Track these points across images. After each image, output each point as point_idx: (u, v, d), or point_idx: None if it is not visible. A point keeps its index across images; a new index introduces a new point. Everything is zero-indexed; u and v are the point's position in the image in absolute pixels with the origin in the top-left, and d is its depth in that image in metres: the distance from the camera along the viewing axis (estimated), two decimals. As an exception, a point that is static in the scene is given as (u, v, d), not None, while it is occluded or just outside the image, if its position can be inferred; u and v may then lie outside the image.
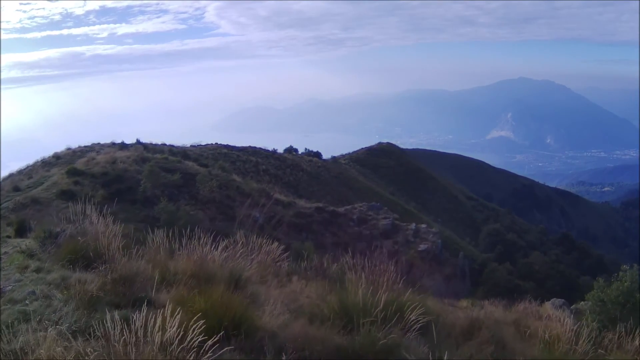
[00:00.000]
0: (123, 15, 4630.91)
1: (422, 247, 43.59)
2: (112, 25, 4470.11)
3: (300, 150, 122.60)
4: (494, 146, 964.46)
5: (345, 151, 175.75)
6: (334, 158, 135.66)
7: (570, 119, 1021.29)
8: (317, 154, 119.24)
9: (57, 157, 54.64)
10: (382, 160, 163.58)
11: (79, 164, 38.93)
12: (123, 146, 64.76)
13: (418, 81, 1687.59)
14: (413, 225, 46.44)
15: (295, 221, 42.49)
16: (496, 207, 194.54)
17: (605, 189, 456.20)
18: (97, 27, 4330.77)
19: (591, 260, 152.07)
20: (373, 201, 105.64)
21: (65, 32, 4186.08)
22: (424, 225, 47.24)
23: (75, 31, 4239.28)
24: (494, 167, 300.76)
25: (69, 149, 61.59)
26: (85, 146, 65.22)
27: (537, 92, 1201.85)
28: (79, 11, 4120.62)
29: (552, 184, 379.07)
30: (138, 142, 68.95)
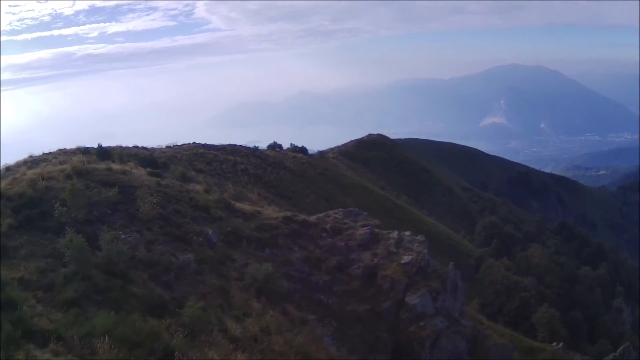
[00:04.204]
0: (112, 14, 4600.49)
1: (405, 259, 38.14)
2: (102, 25, 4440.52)
3: (293, 144, 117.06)
4: (488, 133, 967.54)
5: (339, 143, 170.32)
6: (320, 153, 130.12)
7: (564, 103, 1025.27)
8: (303, 150, 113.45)
9: (7, 169, 48.17)
10: (372, 152, 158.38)
11: (3, 184, 32.96)
12: (85, 151, 59.13)
13: (410, 71, 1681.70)
14: (396, 234, 40.96)
15: (257, 235, 36.86)
16: (492, 196, 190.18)
17: (601, 172, 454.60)
18: (87, 26, 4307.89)
19: (591, 249, 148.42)
20: (361, 197, 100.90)
21: (55, 32, 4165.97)
22: (407, 233, 41.71)
23: (65, 31, 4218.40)
24: (488, 155, 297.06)
25: (31, 156, 55.54)
26: (48, 153, 59.32)
27: (529, 78, 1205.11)
28: (68, 11, 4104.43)
29: (547, 169, 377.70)
30: (100, 146, 62.94)
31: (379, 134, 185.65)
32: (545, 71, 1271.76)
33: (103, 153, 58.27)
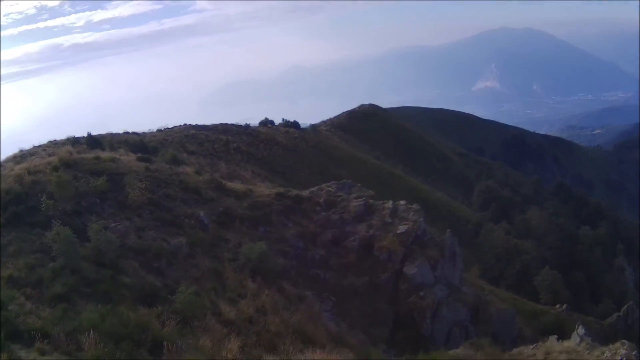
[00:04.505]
0: (98, 1, 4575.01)
1: (401, 228, 37.62)
2: (87, 13, 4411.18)
3: (285, 120, 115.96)
4: (481, 97, 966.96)
5: (334, 115, 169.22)
6: (312, 126, 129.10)
7: (555, 64, 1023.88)
8: (295, 124, 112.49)
9: (-3, 165, 47.02)
10: (365, 123, 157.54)
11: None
12: (75, 142, 58.27)
13: (400, 40, 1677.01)
14: (390, 204, 40.42)
15: (250, 214, 36.30)
16: (488, 161, 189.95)
17: (596, 131, 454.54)
18: (73, 16, 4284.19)
19: (589, 209, 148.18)
20: (356, 169, 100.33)
21: (41, 25, 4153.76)
22: (402, 203, 41.11)
23: (51, 23, 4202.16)
24: (482, 119, 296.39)
25: (21, 150, 54.47)
26: (39, 146, 58.32)
27: (519, 40, 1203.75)
28: (53, 3, 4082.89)
29: (542, 131, 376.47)
30: (89, 135, 62.15)
31: (370, 104, 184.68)
32: (534, 33, 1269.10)
33: (93, 142, 57.61)
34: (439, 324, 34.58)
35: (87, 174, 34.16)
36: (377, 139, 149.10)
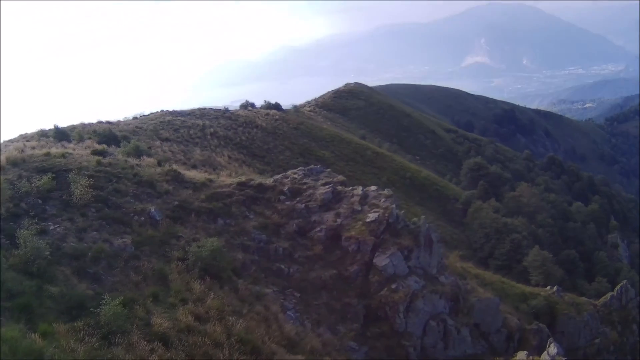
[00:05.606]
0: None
1: (371, 216, 35.39)
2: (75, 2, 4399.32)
3: (266, 101, 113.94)
4: (471, 73, 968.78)
5: (322, 93, 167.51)
6: (295, 107, 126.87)
7: (544, 38, 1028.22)
8: (276, 106, 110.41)
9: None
10: (350, 102, 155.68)
11: None
12: (43, 134, 56.17)
13: (389, 16, 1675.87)
14: (360, 190, 38.19)
15: (207, 206, 33.99)
16: (478, 136, 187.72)
17: (587, 105, 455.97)
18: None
19: (582, 183, 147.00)
20: (340, 149, 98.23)
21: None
22: (373, 188, 38.97)
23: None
24: (472, 94, 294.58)
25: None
26: (9, 140, 56.34)
27: (508, 15, 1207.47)
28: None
29: (533, 105, 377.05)
30: (56, 127, 59.99)
31: (356, 83, 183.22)
32: (523, 8, 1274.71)
33: (61, 134, 55.93)
34: (414, 317, 32.37)
35: (34, 172, 31.76)
36: (363, 117, 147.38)
